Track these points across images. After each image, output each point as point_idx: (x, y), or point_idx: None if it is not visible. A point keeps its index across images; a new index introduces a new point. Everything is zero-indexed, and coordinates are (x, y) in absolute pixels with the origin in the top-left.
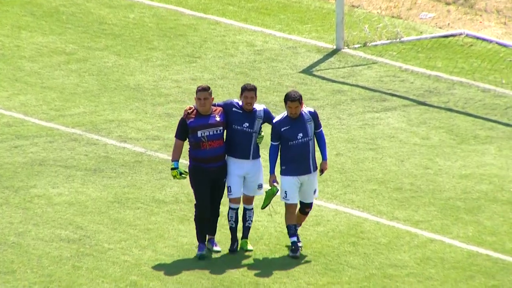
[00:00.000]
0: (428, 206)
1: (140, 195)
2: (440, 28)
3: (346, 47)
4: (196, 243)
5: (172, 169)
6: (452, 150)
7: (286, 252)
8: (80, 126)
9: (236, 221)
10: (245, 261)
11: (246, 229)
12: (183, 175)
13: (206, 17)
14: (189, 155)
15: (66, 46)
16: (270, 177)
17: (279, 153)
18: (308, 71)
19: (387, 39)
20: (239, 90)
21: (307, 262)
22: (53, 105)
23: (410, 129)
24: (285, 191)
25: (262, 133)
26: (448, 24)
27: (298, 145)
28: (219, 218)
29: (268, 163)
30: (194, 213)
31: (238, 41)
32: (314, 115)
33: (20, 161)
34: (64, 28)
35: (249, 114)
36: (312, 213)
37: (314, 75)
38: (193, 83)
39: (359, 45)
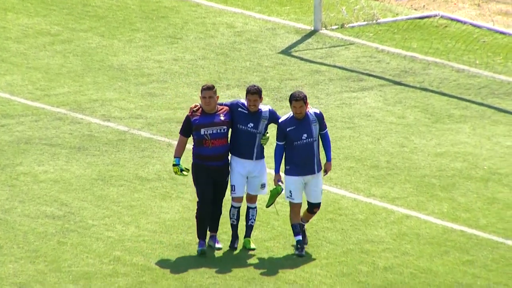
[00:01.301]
0: (404, 183)
1: (123, 172)
2: (415, 10)
3: (324, 29)
4: (197, 240)
5: (173, 165)
6: (427, 128)
7: (290, 251)
8: (65, 105)
9: (238, 219)
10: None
11: (249, 228)
12: (184, 172)
13: None
14: (192, 152)
15: (51, 28)
16: (275, 177)
17: (284, 153)
18: (287, 52)
19: (364, 21)
20: (220, 70)
21: (286, 238)
22: (38, 85)
23: (386, 108)
24: (290, 191)
25: (268, 134)
26: (423, 6)
27: (303, 145)
28: (221, 216)
29: (273, 163)
30: (196, 210)
31: (218, 23)
32: (319, 116)
33: (7, 139)
34: (49, 10)
35: (254, 114)
36: None
37: (293, 56)
38: (174, 63)
39: (337, 27)
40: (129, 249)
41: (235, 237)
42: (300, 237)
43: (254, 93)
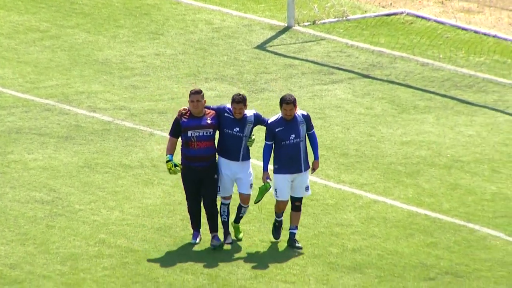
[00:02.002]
0: (372, 170)
1: (108, 160)
2: (383, 7)
3: (297, 25)
4: (191, 230)
5: (166, 161)
6: (393, 119)
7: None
8: (53, 97)
9: (228, 215)
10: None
11: (239, 218)
12: (177, 167)
13: None
14: (181, 152)
15: (40, 24)
16: (263, 174)
17: (272, 152)
18: (262, 47)
19: (335, 18)
20: (199, 64)
21: (261, 221)
22: (28, 78)
23: (355, 100)
24: (276, 189)
25: (253, 137)
26: (390, 3)
27: (291, 145)
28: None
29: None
30: (187, 206)
31: (197, 20)
32: (306, 118)
33: None
34: (38, 7)
35: (240, 119)
36: None
37: (268, 51)
38: (156, 58)
39: (309, 23)
40: (113, 232)
41: (226, 233)
42: (281, 218)
43: (239, 102)
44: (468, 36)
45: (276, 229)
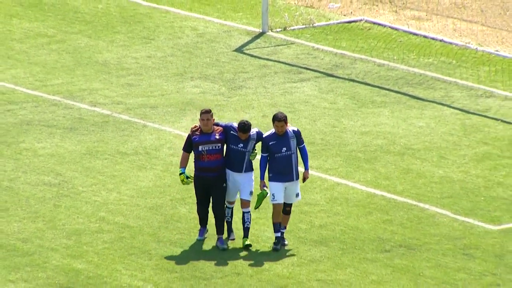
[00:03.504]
0: (335, 157)
1: (107, 148)
2: (344, 15)
3: (270, 31)
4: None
5: (180, 174)
6: (354, 112)
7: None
8: (59, 93)
9: (231, 216)
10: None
11: (246, 230)
12: (189, 179)
13: (159, 7)
14: (194, 165)
15: (48, 30)
16: (260, 183)
17: (267, 163)
18: (239, 50)
19: (303, 25)
20: (185, 65)
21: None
22: (37, 77)
23: (320, 96)
24: (273, 194)
25: (255, 151)
26: (351, 12)
27: (283, 157)
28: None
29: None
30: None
31: (184, 26)
32: (297, 133)
33: (12, 121)
34: (46, 16)
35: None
36: None
37: (245, 53)
38: (148, 59)
39: (280, 29)
40: (112, 210)
41: (230, 230)
42: (279, 234)
43: (246, 131)
44: (418, 40)
45: (275, 244)
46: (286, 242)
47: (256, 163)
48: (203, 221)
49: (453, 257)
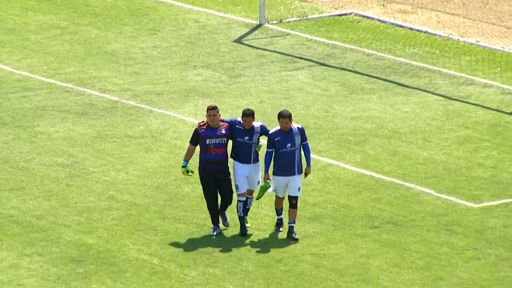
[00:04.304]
0: (327, 140)
1: (116, 132)
2: (335, 9)
3: (267, 23)
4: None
5: (182, 167)
6: (345, 98)
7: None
8: (71, 81)
9: (243, 211)
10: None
11: (246, 210)
12: (189, 173)
13: (164, 1)
14: (199, 158)
15: (60, 23)
16: (264, 175)
17: (272, 158)
18: (239, 40)
19: (297, 17)
20: (188, 54)
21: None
22: (51, 66)
23: (314, 83)
24: (275, 187)
25: (261, 143)
26: (342, 6)
27: (287, 152)
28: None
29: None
30: (206, 203)
31: (187, 19)
32: (301, 130)
33: (27, 107)
34: (59, 9)
35: (249, 129)
36: None
37: (243, 44)
38: (154, 49)
39: (276, 22)
40: (120, 189)
41: (243, 227)
42: (281, 217)
43: (249, 115)
44: (404, 32)
45: (278, 225)
46: (296, 236)
47: (261, 157)
48: (216, 221)
49: (437, 232)
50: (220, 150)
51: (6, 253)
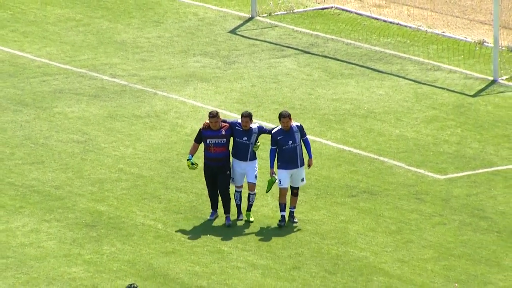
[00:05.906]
0: (311, 119)
1: (124, 112)
2: (318, 3)
3: (258, 16)
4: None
5: (187, 160)
6: (326, 83)
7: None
8: (85, 67)
9: (240, 199)
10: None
11: (250, 206)
12: (194, 165)
13: None
14: (203, 155)
15: (75, 15)
16: (270, 170)
17: (276, 154)
18: (233, 31)
19: (285, 11)
20: (188, 44)
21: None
22: (68, 54)
23: (299, 69)
24: (280, 180)
25: (258, 143)
26: (324, 0)
27: (289, 149)
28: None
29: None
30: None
31: (187, 12)
32: (300, 128)
33: (47, 90)
34: (74, 3)
35: (247, 131)
36: None
37: (237, 34)
38: (158, 39)
39: (266, 15)
40: (128, 163)
41: (239, 213)
42: (283, 213)
43: (246, 116)
44: (379, 24)
45: (280, 221)
46: (296, 220)
47: (266, 154)
48: (214, 205)
49: (407, 201)
50: (219, 149)
51: (28, 219)
